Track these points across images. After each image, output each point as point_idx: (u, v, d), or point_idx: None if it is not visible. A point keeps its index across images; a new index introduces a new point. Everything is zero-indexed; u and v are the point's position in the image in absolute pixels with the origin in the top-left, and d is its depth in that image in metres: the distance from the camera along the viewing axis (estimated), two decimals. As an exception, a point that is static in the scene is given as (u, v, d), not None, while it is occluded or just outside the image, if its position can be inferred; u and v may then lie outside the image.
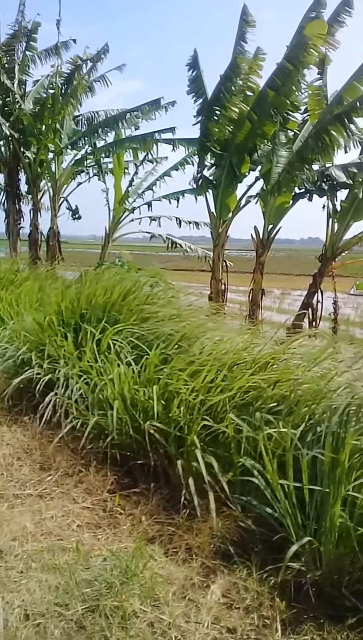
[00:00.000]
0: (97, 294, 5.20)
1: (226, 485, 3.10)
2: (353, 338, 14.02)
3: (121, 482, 3.64)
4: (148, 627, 2.29)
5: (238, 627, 2.35)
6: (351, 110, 8.22)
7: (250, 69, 9.58)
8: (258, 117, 8.98)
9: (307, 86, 9.28)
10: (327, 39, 8.61)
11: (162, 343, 4.26)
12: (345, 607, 2.51)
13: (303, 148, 8.88)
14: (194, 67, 9.68)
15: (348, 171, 9.35)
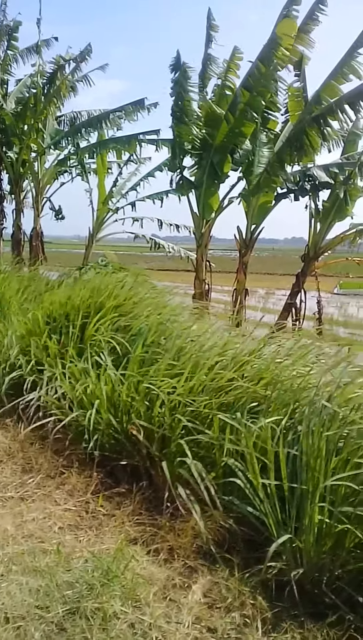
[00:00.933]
0: (80, 294, 5.18)
1: (210, 485, 3.11)
2: (337, 337, 14.19)
3: (103, 484, 3.63)
4: (129, 628, 2.29)
5: (219, 627, 2.36)
6: (327, 113, 8.27)
7: (227, 69, 9.60)
8: (234, 117, 9.02)
9: (287, 87, 9.33)
10: (303, 38, 8.68)
11: (144, 343, 4.25)
12: (326, 605, 2.53)
13: (282, 149, 8.92)
14: (177, 69, 9.67)
15: (330, 171, 9.41)
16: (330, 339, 10.82)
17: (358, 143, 10.45)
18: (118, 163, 14.36)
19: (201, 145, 9.50)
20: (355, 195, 9.87)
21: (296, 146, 8.43)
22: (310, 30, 8.64)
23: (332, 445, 2.74)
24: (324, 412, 2.93)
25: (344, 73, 8.13)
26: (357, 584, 2.55)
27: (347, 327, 17.55)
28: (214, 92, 9.78)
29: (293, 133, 8.80)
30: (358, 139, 10.49)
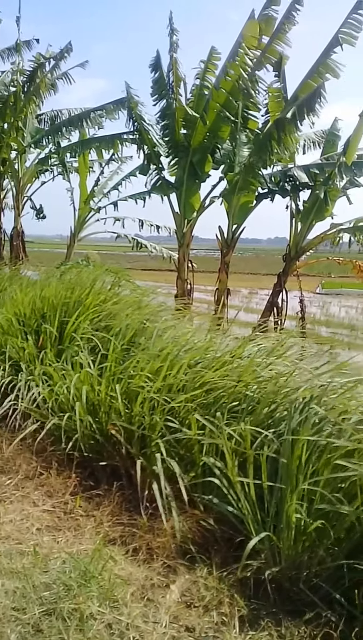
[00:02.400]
0: (58, 293, 5.14)
1: (189, 484, 3.11)
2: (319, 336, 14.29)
3: (83, 484, 3.61)
4: (106, 629, 2.27)
5: (196, 626, 2.36)
6: (298, 113, 8.34)
7: (205, 69, 9.64)
8: (209, 117, 9.08)
9: (267, 87, 9.39)
10: (281, 38, 8.76)
11: (123, 342, 4.24)
12: (303, 602, 2.54)
13: (258, 149, 8.98)
14: (157, 69, 9.68)
15: (310, 172, 9.50)
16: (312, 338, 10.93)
17: (337, 144, 10.57)
18: (100, 162, 14.31)
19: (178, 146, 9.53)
20: (334, 196, 9.97)
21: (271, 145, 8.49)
22: (288, 30, 8.71)
23: (312, 444, 2.76)
24: (304, 411, 2.96)
25: (320, 72, 8.20)
26: (334, 582, 2.57)
27: (329, 326, 17.70)
28: (193, 92, 9.81)
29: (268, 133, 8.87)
30: (338, 140, 10.60)
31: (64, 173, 14.25)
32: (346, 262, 11.87)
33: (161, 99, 9.47)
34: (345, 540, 2.57)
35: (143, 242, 14.41)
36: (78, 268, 7.09)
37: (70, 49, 13.51)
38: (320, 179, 9.65)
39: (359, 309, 22.41)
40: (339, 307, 22.46)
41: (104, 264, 10.57)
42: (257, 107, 9.51)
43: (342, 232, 10.32)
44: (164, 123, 9.52)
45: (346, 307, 22.59)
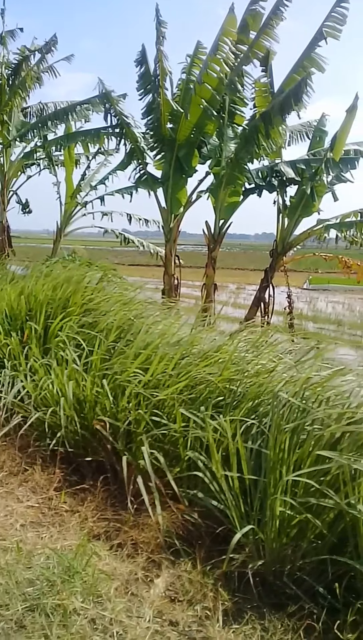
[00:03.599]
0: (43, 289, 5.11)
1: (174, 479, 3.11)
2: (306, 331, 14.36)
3: (68, 480, 3.60)
4: (89, 624, 2.27)
5: (180, 620, 2.37)
6: (285, 104, 8.35)
7: (191, 64, 9.61)
8: (192, 112, 9.06)
9: (254, 82, 9.39)
10: (268, 33, 8.76)
11: (109, 337, 4.23)
12: (287, 596, 2.56)
13: (245, 143, 8.98)
14: (142, 63, 9.63)
15: (297, 167, 9.51)
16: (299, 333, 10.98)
17: (324, 139, 10.60)
18: (86, 156, 14.22)
19: (164, 140, 9.50)
20: (321, 192, 10.00)
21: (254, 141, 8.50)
22: (275, 25, 8.70)
23: (295, 438, 2.78)
24: (287, 405, 2.97)
25: (305, 66, 8.20)
26: (317, 575, 2.58)
27: (316, 322, 17.78)
28: (179, 87, 9.78)
29: (252, 128, 8.88)
30: (325, 135, 10.63)
31: (50, 167, 14.14)
32: (332, 258, 11.92)
33: (147, 94, 9.42)
34: (328, 534, 2.58)
35: (130, 237, 14.35)
36: (64, 263, 7.05)
37: (55, 41, 13.40)
38: (306, 174, 9.67)
39: (346, 304, 22.54)
40: (326, 303, 22.58)
41: (91, 259, 10.53)
42: (244, 102, 9.50)
43: (328, 228, 10.35)
44: (150, 117, 9.48)
45: (333, 303, 22.71)
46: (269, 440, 2.77)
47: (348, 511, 2.44)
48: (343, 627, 2.32)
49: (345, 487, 2.48)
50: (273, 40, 8.88)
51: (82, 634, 2.22)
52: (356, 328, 17.01)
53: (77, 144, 12.84)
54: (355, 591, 2.46)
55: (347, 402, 3.04)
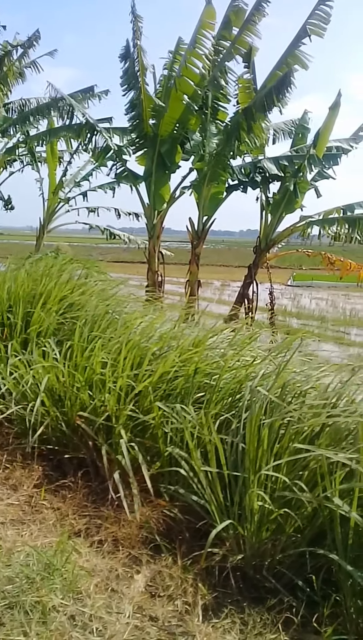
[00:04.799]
0: (24, 285, 5.07)
1: (154, 475, 3.11)
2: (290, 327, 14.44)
3: (48, 477, 3.58)
4: (69, 620, 2.26)
5: (160, 615, 2.36)
6: (267, 100, 8.37)
7: (173, 60, 9.60)
8: (172, 107, 9.06)
9: (237, 79, 9.40)
10: (250, 29, 8.77)
11: (89, 332, 4.21)
12: (267, 589, 2.57)
13: (227, 138, 8.99)
14: (126, 58, 9.58)
15: (280, 164, 9.55)
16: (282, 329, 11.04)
17: (307, 136, 10.65)
18: (69, 152, 14.14)
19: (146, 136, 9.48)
20: (304, 188, 10.06)
21: (236, 137, 8.52)
22: (257, 21, 8.71)
23: (273, 432, 2.79)
24: (265, 399, 2.98)
25: (289, 63, 8.23)
26: (297, 568, 2.60)
27: (299, 318, 17.90)
28: (161, 83, 9.76)
29: (234, 124, 8.89)
30: (307, 132, 10.68)
31: (33, 163, 14.03)
32: (315, 255, 12.01)
33: (130, 89, 9.39)
34: (307, 527, 2.60)
35: (115, 233, 14.31)
36: (46, 260, 6.99)
37: (38, 37, 13.30)
38: (289, 171, 9.72)
39: (329, 301, 22.70)
40: (310, 299, 22.73)
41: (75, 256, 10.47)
42: (227, 98, 9.52)
43: (311, 224, 10.41)
44: (133, 113, 9.44)
45: (316, 299, 22.87)
46: (246, 434, 2.78)
47: (325, 505, 2.45)
48: (322, 619, 2.34)
49: (322, 482, 2.49)
50: (255, 36, 8.91)
51: (61, 630, 2.21)
52: (339, 324, 17.15)
53: (59, 140, 12.75)
54: (333, 584, 2.48)
55: (325, 396, 3.06)
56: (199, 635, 2.25)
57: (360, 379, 3.26)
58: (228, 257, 44.51)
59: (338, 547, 2.38)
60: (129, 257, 30.90)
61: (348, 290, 25.12)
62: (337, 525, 2.39)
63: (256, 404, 2.91)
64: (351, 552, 2.37)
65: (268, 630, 2.31)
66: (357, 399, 2.96)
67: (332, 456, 2.50)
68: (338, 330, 16.20)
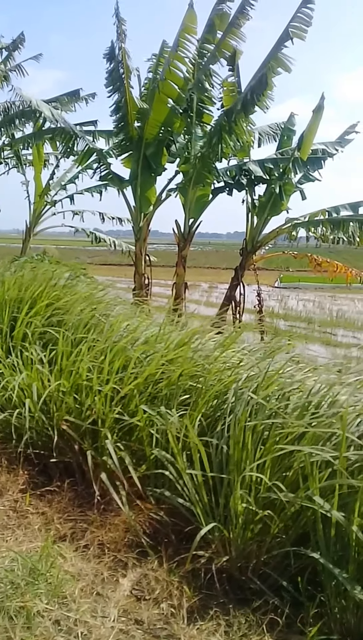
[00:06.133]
0: (9, 289, 5.05)
1: (140, 478, 3.11)
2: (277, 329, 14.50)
3: (34, 481, 3.57)
4: (54, 625, 2.26)
5: (145, 618, 2.37)
6: (246, 101, 8.42)
7: (157, 63, 9.63)
8: (155, 109, 9.09)
9: (222, 82, 9.44)
10: (235, 32, 8.82)
11: (75, 336, 4.20)
12: (252, 591, 2.58)
13: (210, 140, 9.02)
14: (111, 60, 9.58)
15: (265, 166, 9.59)
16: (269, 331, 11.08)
17: (292, 139, 10.71)
18: (56, 155, 14.10)
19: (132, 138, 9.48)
20: (289, 191, 10.11)
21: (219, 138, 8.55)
22: (241, 24, 8.76)
23: (257, 434, 2.80)
24: (250, 402, 2.99)
25: (272, 66, 8.27)
26: (282, 569, 2.61)
27: (287, 319, 17.99)
28: (146, 86, 9.78)
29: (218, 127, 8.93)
30: (293, 134, 10.74)
31: (19, 166, 13.97)
32: (302, 257, 12.07)
33: (115, 91, 9.39)
34: (291, 528, 2.62)
35: (101, 236, 14.29)
36: (32, 263, 6.97)
37: (23, 39, 13.25)
38: (275, 173, 9.77)
39: (316, 302, 22.82)
40: (297, 301, 22.84)
41: (62, 259, 10.45)
42: (212, 101, 9.56)
43: (296, 226, 10.47)
44: (118, 115, 9.44)
45: (303, 301, 22.98)
46: (231, 436, 2.80)
47: (307, 505, 2.47)
48: (307, 620, 2.35)
49: (305, 482, 2.51)
50: (240, 39, 8.95)
51: (46, 635, 2.20)
52: (326, 325, 17.26)
53: (45, 143, 12.71)
54: (318, 584, 2.49)
55: (310, 398, 3.08)
56: (184, 637, 2.26)
57: (344, 379, 3.29)
58: (216, 259, 44.62)
59: (321, 547, 2.39)
60: (116, 259, 30.86)
61: (334, 292, 25.30)
62: (319, 525, 2.41)
63: (241, 406, 2.92)
64: (334, 552, 2.39)
65: (253, 631, 2.32)
66: (341, 399, 2.98)
67: (313, 451, 2.52)
68: (325, 331, 16.31)
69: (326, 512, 2.35)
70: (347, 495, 2.44)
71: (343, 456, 2.46)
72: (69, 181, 13.94)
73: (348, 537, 2.34)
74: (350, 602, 2.29)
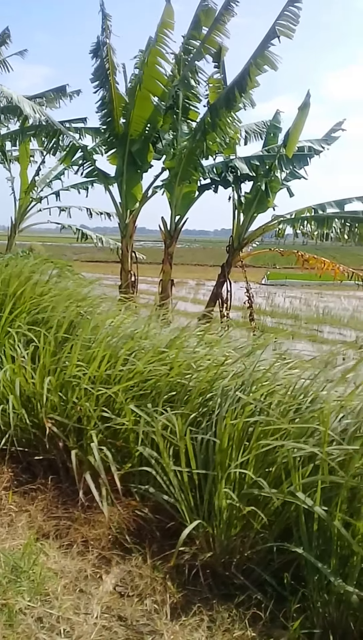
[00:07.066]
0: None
1: (125, 475, 3.11)
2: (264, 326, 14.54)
3: (18, 479, 3.55)
4: (36, 623, 2.25)
5: (128, 615, 2.37)
6: (229, 96, 8.42)
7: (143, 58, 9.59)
8: (141, 105, 9.07)
9: (207, 79, 9.43)
10: (220, 29, 8.81)
11: (59, 332, 4.18)
12: (236, 586, 2.59)
13: (194, 136, 9.01)
14: (97, 56, 9.53)
15: (251, 164, 9.60)
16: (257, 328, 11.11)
17: (278, 136, 10.72)
18: (41, 151, 13.99)
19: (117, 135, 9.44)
20: (275, 188, 10.13)
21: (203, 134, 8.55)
22: (226, 21, 8.74)
23: (242, 431, 2.81)
24: (235, 399, 3.00)
25: (258, 63, 8.26)
26: (265, 564, 2.63)
27: (273, 316, 18.06)
28: (132, 81, 9.74)
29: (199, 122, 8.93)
30: (279, 131, 10.75)
31: (4, 162, 13.86)
32: (289, 254, 12.10)
33: (101, 87, 9.35)
34: (274, 523, 2.63)
35: (88, 233, 14.23)
36: (17, 260, 6.91)
37: (8, 35, 13.12)
38: (261, 170, 9.78)
39: (302, 299, 22.93)
40: (283, 298, 22.94)
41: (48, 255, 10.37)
42: (198, 97, 9.55)
43: (282, 223, 10.50)
44: (104, 112, 9.39)
45: (290, 298, 23.08)
46: (216, 433, 2.80)
47: (290, 501, 2.48)
48: (289, 614, 2.36)
49: (289, 477, 2.52)
50: (225, 36, 8.93)
51: (28, 632, 2.19)
52: (312, 322, 17.35)
53: (31, 139, 12.60)
54: (300, 579, 2.51)
55: (294, 394, 3.10)
56: (167, 633, 2.26)
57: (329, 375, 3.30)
58: (203, 257, 44.66)
59: (304, 541, 2.41)
60: (103, 256, 30.77)
61: (321, 289, 25.42)
62: (302, 520, 2.42)
63: (226, 403, 2.93)
64: (316, 546, 2.41)
65: (236, 626, 2.33)
66: (323, 395, 3.00)
67: (296, 446, 2.53)
68: (312, 328, 16.40)
69: (309, 508, 2.37)
70: (330, 490, 2.46)
71: (325, 451, 2.47)
72: (55, 177, 13.86)
73: (330, 531, 2.36)
74: (332, 596, 2.30)
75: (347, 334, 15.76)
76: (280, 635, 2.28)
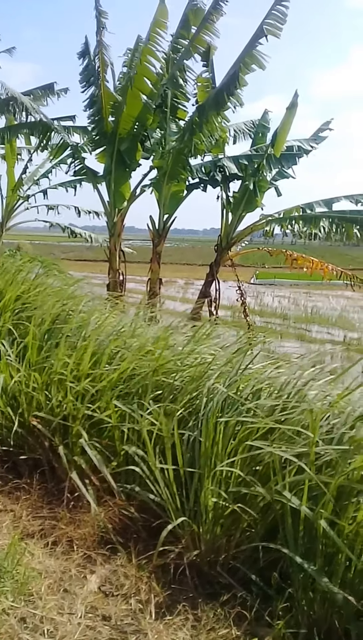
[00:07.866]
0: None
1: (111, 474, 3.09)
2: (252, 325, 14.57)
3: (3, 478, 3.52)
4: (19, 623, 2.23)
5: (113, 615, 2.35)
6: (218, 97, 8.43)
7: (132, 57, 9.57)
8: (131, 104, 9.04)
9: (196, 78, 9.43)
10: (209, 28, 8.81)
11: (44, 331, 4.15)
12: (221, 585, 2.58)
13: (183, 136, 9.01)
14: (85, 55, 9.49)
15: (239, 163, 9.61)
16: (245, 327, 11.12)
17: (267, 136, 10.74)
18: (28, 149, 13.91)
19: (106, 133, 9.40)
20: (263, 187, 10.14)
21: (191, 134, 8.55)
22: (215, 20, 8.74)
23: (228, 429, 2.80)
24: (222, 397, 2.99)
25: (246, 63, 8.26)
26: (251, 563, 2.62)
27: (262, 316, 18.11)
28: (120, 80, 9.71)
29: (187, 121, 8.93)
30: (267, 131, 10.77)
31: (-9, 160, 13.76)
32: (277, 253, 12.13)
33: (90, 86, 9.30)
34: (260, 522, 2.62)
35: (77, 231, 14.17)
36: (2, 258, 6.87)
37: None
38: (249, 170, 9.79)
39: (291, 298, 23.01)
40: (272, 297, 22.99)
41: (36, 254, 10.33)
42: (186, 96, 9.53)
43: (270, 222, 10.52)
44: (92, 110, 9.35)
45: (279, 297, 23.15)
46: (202, 431, 2.79)
47: (276, 499, 2.48)
48: (275, 613, 2.36)
49: (275, 477, 2.52)
50: (214, 35, 8.93)
51: (11, 633, 2.17)
52: (301, 321, 17.43)
53: (18, 137, 12.52)
54: (286, 578, 2.50)
55: (280, 393, 3.09)
56: (151, 632, 2.25)
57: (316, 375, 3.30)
58: (192, 256, 44.65)
59: (289, 540, 2.40)
60: (92, 255, 30.69)
61: (309, 288, 25.53)
62: (288, 519, 2.42)
63: (213, 402, 2.91)
64: (302, 545, 2.40)
65: (221, 625, 2.32)
66: (310, 395, 3.00)
67: (281, 454, 2.52)
68: (300, 327, 16.46)
69: (295, 507, 2.36)
70: (316, 488, 2.46)
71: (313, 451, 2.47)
72: (43, 175, 13.78)
73: (316, 530, 2.36)
74: (317, 595, 2.30)
75: (335, 333, 15.85)
76: (265, 634, 2.27)
